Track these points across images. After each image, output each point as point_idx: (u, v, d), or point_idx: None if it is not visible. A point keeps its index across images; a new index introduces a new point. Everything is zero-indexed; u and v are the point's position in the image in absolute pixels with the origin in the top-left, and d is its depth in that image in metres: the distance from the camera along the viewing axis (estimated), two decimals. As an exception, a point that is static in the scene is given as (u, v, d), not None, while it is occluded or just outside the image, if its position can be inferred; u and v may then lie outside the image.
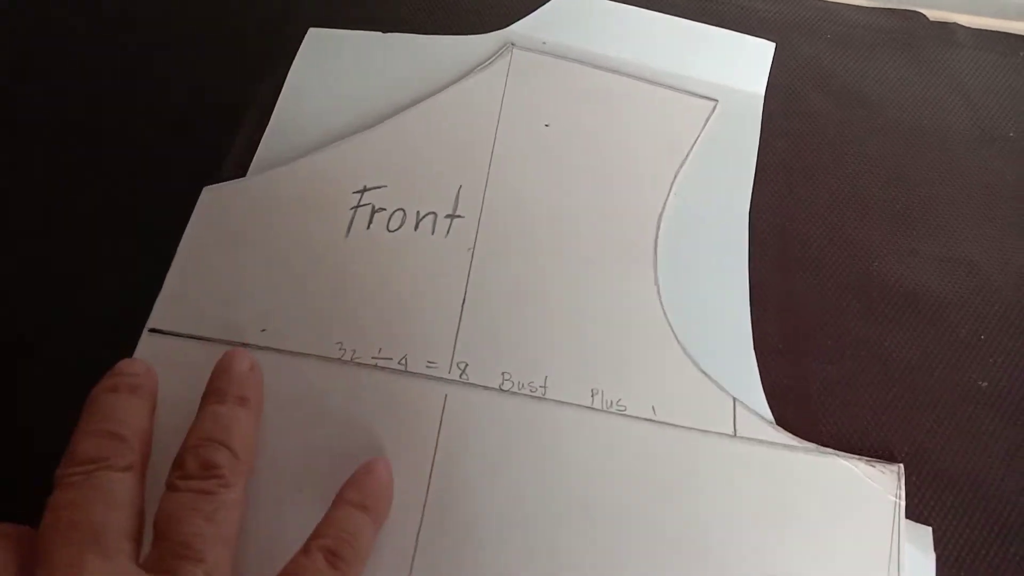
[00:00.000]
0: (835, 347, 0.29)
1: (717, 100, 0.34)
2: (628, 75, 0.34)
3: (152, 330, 0.27)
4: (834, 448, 0.26)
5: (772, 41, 0.36)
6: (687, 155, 0.32)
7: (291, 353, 0.27)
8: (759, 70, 0.35)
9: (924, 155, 0.33)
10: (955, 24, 0.37)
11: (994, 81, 0.35)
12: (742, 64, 0.35)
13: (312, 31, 0.35)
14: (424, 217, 0.30)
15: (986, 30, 0.37)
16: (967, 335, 0.29)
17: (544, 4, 0.36)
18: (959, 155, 0.33)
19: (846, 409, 0.28)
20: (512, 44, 0.34)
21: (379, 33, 0.35)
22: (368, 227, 0.30)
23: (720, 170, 0.32)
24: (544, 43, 0.35)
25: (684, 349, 0.28)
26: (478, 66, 0.34)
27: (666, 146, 0.32)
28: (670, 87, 0.34)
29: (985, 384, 0.28)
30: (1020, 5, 0.41)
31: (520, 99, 0.33)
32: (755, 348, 0.28)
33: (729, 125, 0.33)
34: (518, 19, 0.36)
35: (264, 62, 0.34)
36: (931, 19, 0.37)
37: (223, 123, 0.32)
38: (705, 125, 0.33)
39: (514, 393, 0.27)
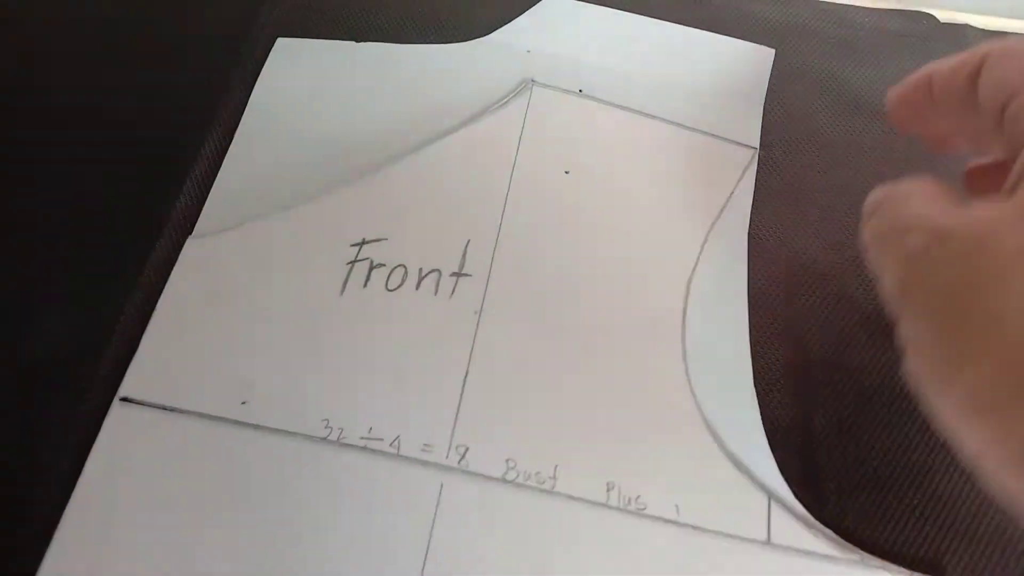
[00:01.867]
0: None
1: (756, 148, 0.30)
2: (661, 119, 0.31)
3: (124, 399, 0.25)
4: (872, 551, 0.23)
5: (772, 47, 0.32)
6: (721, 210, 0.29)
7: (272, 431, 0.24)
8: (758, 78, 0.32)
9: (934, 169, 0.29)
10: (967, 26, 0.34)
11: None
12: (740, 72, 0.32)
13: (280, 41, 0.32)
14: (427, 275, 0.27)
15: (1000, 31, 0.34)
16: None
17: (527, 9, 0.33)
18: None
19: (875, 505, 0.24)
20: (532, 81, 0.31)
21: (352, 42, 0.32)
22: (365, 285, 0.27)
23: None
24: (528, 51, 0.32)
25: (715, 436, 0.25)
26: (494, 104, 0.31)
27: (699, 201, 0.29)
28: (707, 133, 0.30)
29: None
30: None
31: (539, 143, 0.30)
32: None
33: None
34: (499, 26, 0.33)
35: (229, 74, 0.32)
36: (942, 20, 0.34)
37: (185, 140, 0.30)
38: (743, 176, 0.30)
39: (519, 484, 0.24)
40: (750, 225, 0.29)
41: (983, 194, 0.17)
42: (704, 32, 0.32)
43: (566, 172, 0.29)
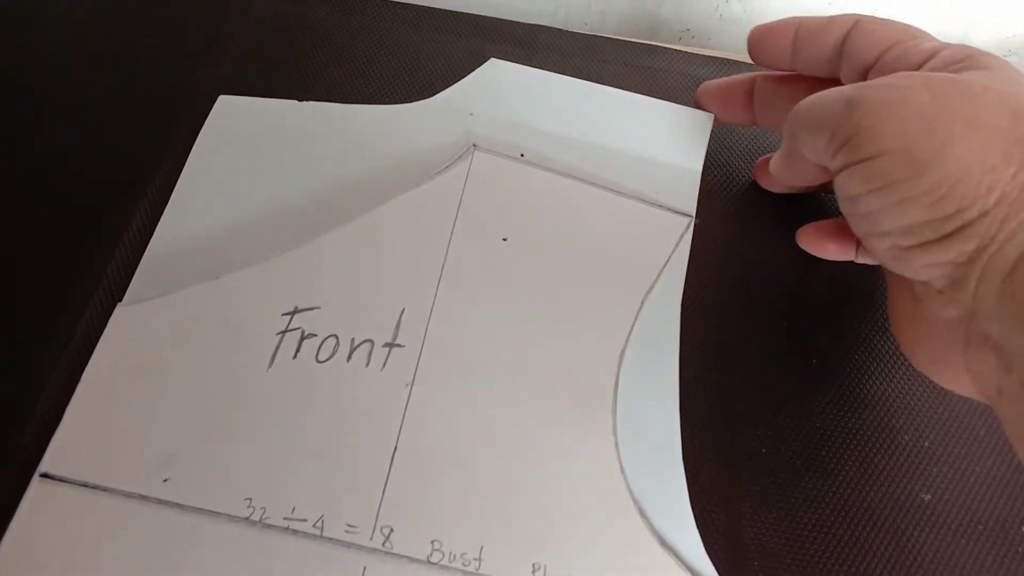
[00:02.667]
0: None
1: (692, 216, 0.30)
2: (599, 185, 0.31)
3: (44, 475, 0.24)
4: None
5: (711, 112, 0.32)
6: (656, 280, 0.29)
7: (194, 510, 0.24)
8: (697, 145, 0.32)
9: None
10: None
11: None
12: (679, 138, 0.32)
13: (222, 98, 0.32)
14: (359, 345, 0.27)
15: None
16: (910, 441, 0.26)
17: (471, 70, 0.33)
18: None
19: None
20: (474, 146, 0.31)
21: (295, 101, 0.32)
22: (295, 356, 0.27)
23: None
24: (471, 114, 0.32)
25: (643, 514, 0.25)
26: (435, 169, 0.30)
27: (634, 269, 0.29)
28: (645, 200, 0.30)
29: (928, 497, 0.25)
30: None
31: (478, 209, 0.30)
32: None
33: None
34: (442, 88, 0.33)
35: (167, 132, 0.31)
36: None
37: (120, 200, 0.30)
38: (678, 244, 0.30)
39: (444, 567, 0.24)
40: (683, 295, 0.28)
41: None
42: (644, 97, 0.32)
43: (504, 239, 0.29)
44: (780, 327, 0.28)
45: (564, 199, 0.30)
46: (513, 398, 0.26)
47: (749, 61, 0.34)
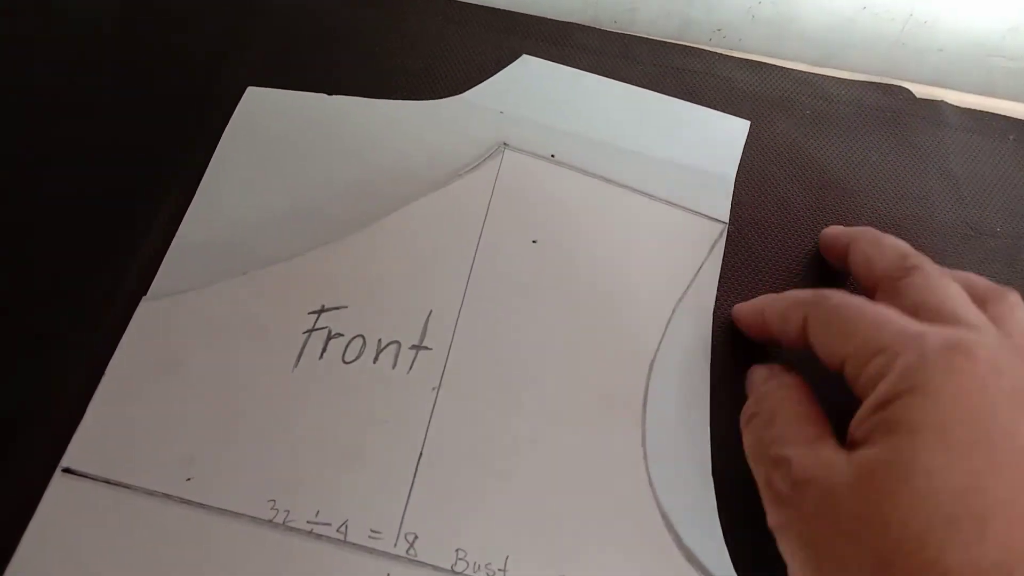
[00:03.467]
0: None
1: (726, 223, 0.30)
2: (631, 188, 0.30)
3: (66, 470, 0.24)
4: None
5: (747, 117, 0.32)
6: (688, 287, 0.29)
7: (217, 510, 0.24)
8: (731, 151, 0.31)
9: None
10: (943, 102, 0.34)
11: (982, 168, 0.32)
12: (713, 144, 0.32)
13: (251, 90, 0.32)
14: (386, 347, 0.27)
15: (974, 109, 0.34)
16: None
17: (502, 68, 0.33)
18: (943, 251, 0.30)
19: None
20: (504, 144, 0.31)
21: (323, 95, 0.32)
22: (321, 356, 0.26)
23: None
24: (501, 112, 0.32)
25: (670, 527, 0.24)
26: (464, 168, 0.30)
27: (666, 276, 0.29)
28: (677, 205, 0.30)
29: None
30: (1008, 84, 0.38)
31: (507, 210, 0.29)
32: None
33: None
34: (472, 85, 0.32)
35: (194, 124, 0.31)
36: (918, 95, 0.34)
37: (146, 193, 0.29)
38: (711, 251, 0.29)
39: (468, 576, 0.23)
40: (715, 303, 0.28)
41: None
42: (679, 101, 0.32)
43: (533, 241, 0.29)
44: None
45: (595, 201, 0.30)
46: (540, 405, 0.26)
47: (785, 64, 0.33)
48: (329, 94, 0.31)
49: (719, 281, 0.29)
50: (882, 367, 0.19)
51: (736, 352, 0.27)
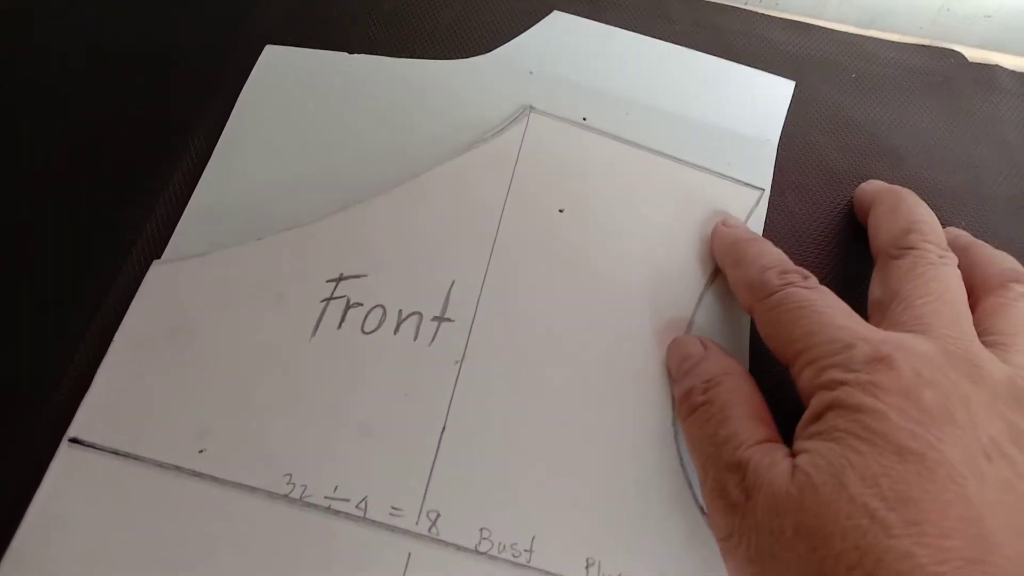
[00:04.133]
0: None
1: (765, 189, 0.28)
2: (665, 154, 0.29)
3: (73, 440, 0.23)
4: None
5: (791, 79, 0.30)
6: (724, 259, 0.27)
7: (231, 484, 0.23)
8: (774, 114, 0.30)
9: (958, 223, 0.27)
10: (997, 66, 0.32)
11: (1040, 136, 0.30)
12: (755, 106, 0.30)
13: (269, 48, 0.30)
14: (407, 318, 0.25)
15: None
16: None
17: (532, 25, 0.31)
18: (995, 224, 0.28)
19: None
20: (531, 107, 0.29)
21: (345, 54, 0.30)
22: (339, 326, 0.25)
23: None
24: (531, 72, 0.30)
25: (703, 512, 0.23)
26: (489, 132, 0.28)
27: (700, 247, 0.27)
28: (713, 172, 0.28)
29: None
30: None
31: (533, 177, 0.28)
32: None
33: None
34: (501, 42, 0.31)
35: (211, 83, 0.30)
36: (970, 59, 0.32)
37: (161, 155, 0.28)
38: (748, 219, 0.28)
39: (492, 557, 0.22)
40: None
41: None
42: (719, 60, 0.30)
43: (560, 210, 0.27)
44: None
45: (625, 168, 0.28)
46: (567, 380, 0.25)
47: (826, 24, 0.31)
48: (351, 52, 0.30)
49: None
50: (813, 379, 0.19)
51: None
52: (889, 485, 0.17)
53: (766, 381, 0.23)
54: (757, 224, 0.28)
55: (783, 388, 0.23)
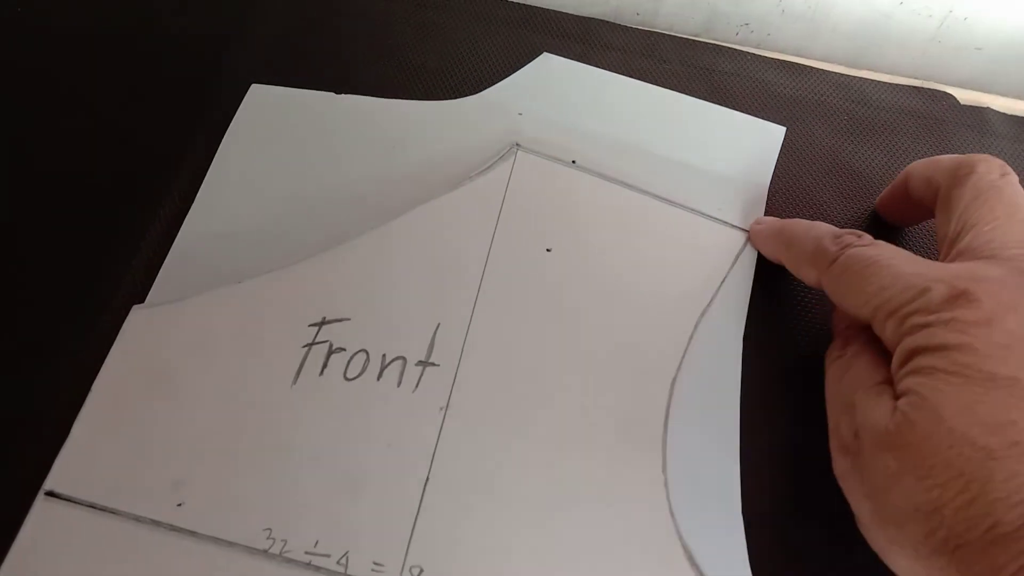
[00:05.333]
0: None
1: (749, 231, 0.28)
2: (652, 195, 0.28)
3: (49, 493, 0.22)
4: None
5: (782, 119, 0.30)
6: (710, 301, 0.27)
7: (209, 539, 0.22)
8: (765, 159, 0.29)
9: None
10: (988, 109, 0.32)
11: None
12: (745, 151, 0.30)
13: (255, 87, 0.30)
14: (391, 363, 0.25)
15: (1022, 117, 0.32)
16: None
17: (521, 67, 0.31)
18: None
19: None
20: (517, 145, 0.29)
21: (331, 94, 0.30)
22: (321, 372, 0.25)
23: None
24: (520, 114, 0.30)
25: (694, 566, 0.23)
26: (475, 171, 0.28)
27: (688, 289, 0.27)
28: (701, 214, 0.28)
29: None
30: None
31: (521, 216, 0.28)
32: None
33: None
34: (489, 83, 0.30)
35: (195, 122, 0.29)
36: (962, 102, 0.32)
37: (143, 195, 0.28)
38: (736, 261, 0.27)
39: (476, 614, 0.21)
40: (746, 321, 0.26)
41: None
42: (711, 105, 0.30)
43: (547, 250, 0.27)
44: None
45: (614, 208, 0.28)
46: (554, 427, 0.24)
47: (816, 64, 0.31)
48: (338, 92, 0.30)
49: (751, 298, 0.27)
50: (897, 328, 0.20)
51: (770, 370, 0.26)
52: (986, 412, 0.17)
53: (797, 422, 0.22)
54: (748, 265, 0.27)
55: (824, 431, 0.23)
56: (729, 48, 0.32)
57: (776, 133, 0.29)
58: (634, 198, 0.28)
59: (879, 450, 0.19)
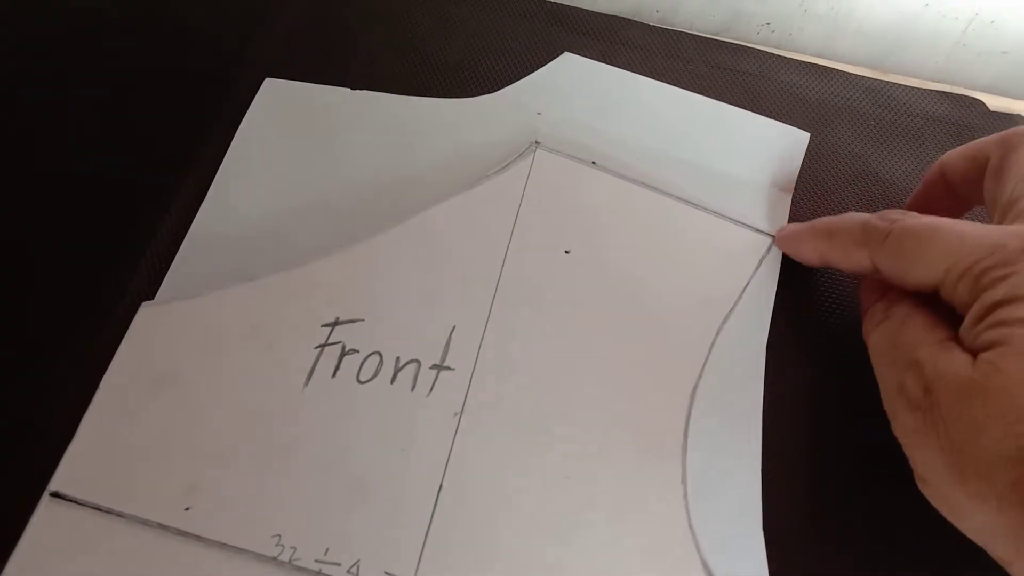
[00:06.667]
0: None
1: (774, 236, 0.27)
2: (674, 197, 0.28)
3: (55, 494, 0.22)
4: None
5: (806, 123, 0.29)
6: (733, 307, 0.26)
7: (217, 545, 0.21)
8: (790, 164, 0.29)
9: None
10: (1018, 115, 0.31)
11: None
12: (770, 155, 0.29)
13: (268, 81, 0.30)
14: (405, 366, 0.24)
15: None
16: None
17: (542, 66, 0.30)
18: None
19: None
20: (536, 143, 0.28)
21: (347, 89, 0.29)
22: (334, 375, 0.24)
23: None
24: (539, 113, 0.29)
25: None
26: (492, 169, 0.27)
27: (710, 294, 0.26)
28: (725, 217, 0.27)
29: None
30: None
31: (539, 216, 0.27)
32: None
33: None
34: (509, 80, 0.30)
35: (207, 117, 0.29)
36: (991, 108, 0.31)
37: (154, 191, 0.27)
38: (759, 267, 0.27)
39: (490, 627, 0.21)
40: (769, 331, 0.25)
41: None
42: (733, 108, 0.29)
43: (566, 251, 0.26)
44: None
45: (634, 210, 0.28)
46: (571, 435, 0.24)
47: (838, 66, 0.30)
48: (354, 87, 0.29)
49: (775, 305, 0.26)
50: (972, 286, 0.19)
51: (793, 378, 0.25)
52: None
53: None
54: (771, 271, 0.27)
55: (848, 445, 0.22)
56: (753, 49, 0.31)
57: (800, 139, 0.29)
58: (655, 200, 0.28)
59: (961, 400, 0.18)
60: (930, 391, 0.19)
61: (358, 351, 0.24)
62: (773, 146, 0.28)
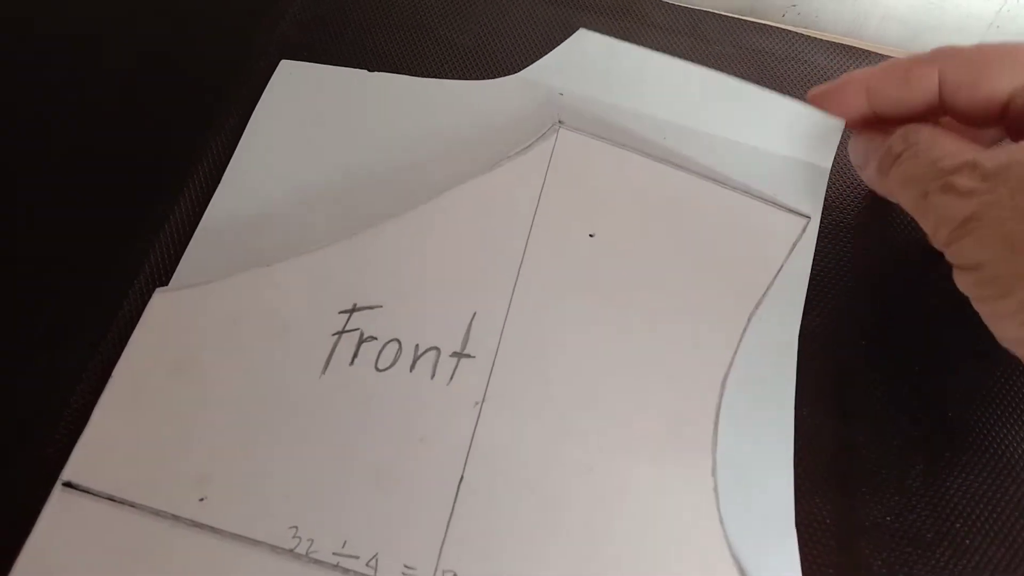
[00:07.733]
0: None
1: (809, 217, 0.26)
2: (703, 176, 0.27)
3: (67, 484, 0.21)
4: None
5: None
6: (765, 292, 0.25)
7: (232, 536, 0.21)
8: (824, 145, 0.27)
9: None
10: None
11: None
12: (803, 138, 0.27)
13: (284, 63, 0.29)
14: (424, 353, 0.24)
15: None
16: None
17: (559, 44, 0.29)
18: None
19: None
20: (560, 122, 0.27)
21: (364, 71, 0.29)
22: (352, 362, 0.23)
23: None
24: (561, 94, 0.28)
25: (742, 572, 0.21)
26: (514, 150, 0.27)
27: (742, 278, 0.25)
28: (758, 197, 0.26)
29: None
30: None
31: (562, 198, 0.26)
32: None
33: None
34: (527, 60, 0.29)
35: (222, 99, 0.28)
36: None
37: (169, 174, 0.27)
38: (792, 250, 0.26)
39: (513, 622, 0.20)
40: (802, 319, 0.24)
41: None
42: (763, 89, 0.28)
43: (591, 235, 0.26)
44: (911, 366, 0.24)
45: (662, 190, 0.27)
46: (596, 426, 0.23)
47: (870, 48, 0.29)
48: (371, 70, 0.28)
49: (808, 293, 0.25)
50: None
51: (828, 367, 0.24)
52: None
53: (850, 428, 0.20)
54: (805, 256, 0.26)
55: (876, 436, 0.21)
56: (778, 28, 0.30)
57: (835, 124, 0.27)
58: (684, 179, 0.27)
59: None
60: (989, 179, 0.19)
61: (376, 338, 0.24)
62: (807, 129, 0.27)
